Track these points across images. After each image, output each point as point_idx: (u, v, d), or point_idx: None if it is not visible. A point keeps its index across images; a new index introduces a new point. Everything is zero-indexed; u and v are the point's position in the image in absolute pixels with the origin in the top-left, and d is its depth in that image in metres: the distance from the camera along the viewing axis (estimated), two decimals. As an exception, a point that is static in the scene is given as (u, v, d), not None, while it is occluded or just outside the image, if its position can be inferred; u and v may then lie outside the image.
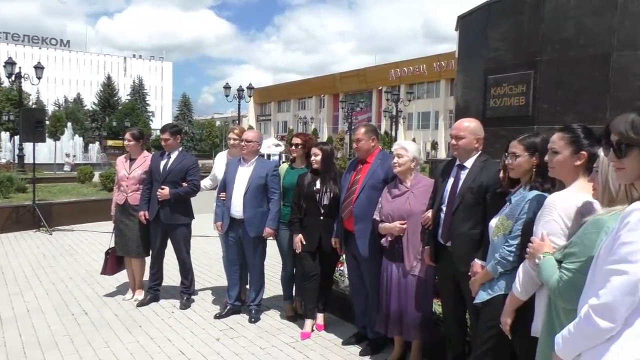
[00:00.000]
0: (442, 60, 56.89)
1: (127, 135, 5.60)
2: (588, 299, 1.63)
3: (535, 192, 2.62)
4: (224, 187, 4.98)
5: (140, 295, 5.47)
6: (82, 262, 7.26)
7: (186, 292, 5.37)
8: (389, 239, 3.80)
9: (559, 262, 2.03)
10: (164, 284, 5.63)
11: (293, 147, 4.97)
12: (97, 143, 48.65)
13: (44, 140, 10.57)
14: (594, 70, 4.66)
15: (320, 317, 4.70)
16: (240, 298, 5.12)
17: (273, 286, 5.71)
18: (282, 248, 4.95)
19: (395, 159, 3.81)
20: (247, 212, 4.77)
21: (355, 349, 4.21)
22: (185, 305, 5.25)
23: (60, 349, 4.16)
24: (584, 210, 2.17)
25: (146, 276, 5.55)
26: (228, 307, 5.01)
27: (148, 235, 5.37)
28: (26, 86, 26.91)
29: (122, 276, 5.85)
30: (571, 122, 4.60)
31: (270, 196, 4.82)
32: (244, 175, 4.84)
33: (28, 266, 6.92)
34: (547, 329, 2.09)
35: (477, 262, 3.05)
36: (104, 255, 5.69)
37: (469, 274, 3.10)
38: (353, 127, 47.15)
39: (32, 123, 9.78)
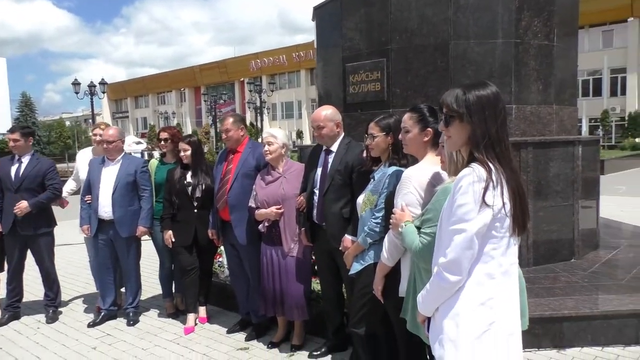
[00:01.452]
0: (300, 51, 58.12)
1: None
2: (438, 259, 1.84)
3: (394, 168, 2.90)
4: (89, 188, 4.71)
5: (-3, 314, 4.96)
6: None
7: (51, 304, 4.97)
8: (266, 224, 3.91)
9: (418, 228, 2.30)
10: (24, 299, 5.14)
11: (162, 142, 4.88)
12: None
13: None
14: (436, 58, 5.21)
15: (202, 310, 4.69)
16: (116, 302, 4.89)
17: (150, 286, 5.53)
18: (158, 245, 4.85)
19: (266, 147, 3.92)
20: (117, 212, 4.59)
21: (241, 336, 4.28)
22: (52, 318, 4.86)
23: None
24: (434, 181, 2.48)
25: (1, 294, 5.03)
26: (102, 314, 4.76)
27: (2, 249, 4.87)
28: None
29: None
30: (420, 104, 5.14)
31: (141, 194, 4.68)
32: (110, 174, 4.65)
33: None
34: (412, 288, 2.36)
35: (348, 237, 3.30)
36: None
37: (341, 249, 3.34)
38: (218, 119, 46.41)
39: None
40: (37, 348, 4.22)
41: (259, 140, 4.65)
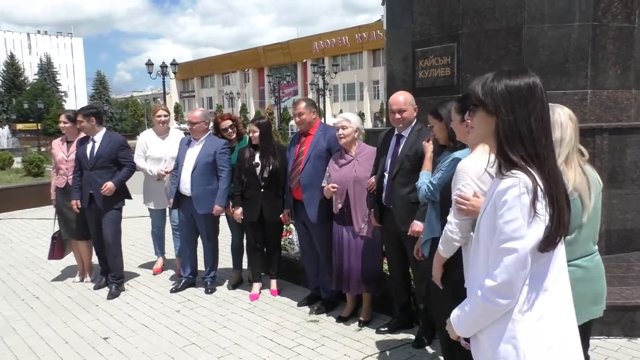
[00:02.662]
0: (363, 32, 57.61)
1: (62, 117, 5.47)
2: (478, 277, 1.67)
3: (453, 155, 2.94)
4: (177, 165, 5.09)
5: (90, 277, 5.48)
6: (18, 249, 7.04)
7: (113, 280, 5.10)
8: (339, 205, 4.11)
9: None
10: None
11: (229, 130, 5.16)
12: (7, 127, 45.29)
13: (-42, 127, 9.90)
14: (508, 42, 5.16)
15: (273, 282, 5.00)
16: (195, 271, 5.28)
17: (225, 258, 5.90)
18: (229, 221, 5.22)
19: (340, 131, 4.09)
20: (195, 189, 4.89)
21: (310, 309, 4.53)
22: (114, 294, 4.97)
23: (19, 332, 4.17)
24: (491, 170, 2.51)
25: (94, 260, 5.52)
26: (183, 281, 5.16)
27: (84, 220, 5.25)
28: None
29: (66, 260, 5.81)
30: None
31: (219, 174, 4.94)
32: (192, 154, 4.96)
33: (-40, 258, 6.64)
34: None
35: (417, 223, 3.43)
36: (49, 240, 5.57)
37: (409, 234, 3.48)
38: (282, 101, 47.09)
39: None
40: (128, 308, 4.68)
41: (323, 121, 4.84)
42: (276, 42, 68.97)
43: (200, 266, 5.34)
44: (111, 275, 5.15)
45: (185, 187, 4.94)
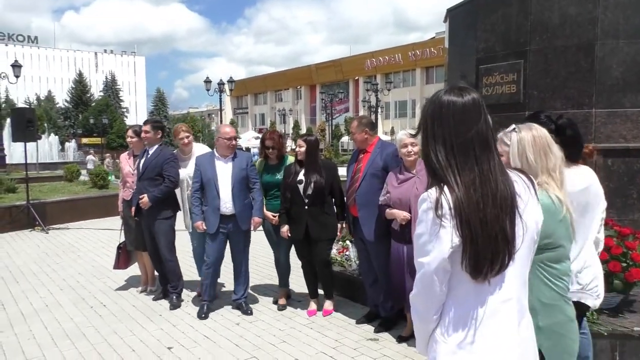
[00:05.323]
0: (416, 49, 57.43)
1: (130, 132, 5.69)
2: None
3: None
4: (201, 185, 4.86)
5: (153, 287, 5.64)
6: (85, 258, 7.36)
7: (173, 291, 5.19)
8: (402, 223, 4.06)
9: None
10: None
11: (270, 150, 5.01)
12: (73, 141, 47.83)
13: (34, 140, 10.55)
14: (579, 58, 5.00)
15: (327, 303, 4.89)
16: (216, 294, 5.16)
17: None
18: (271, 236, 5.12)
19: (410, 148, 4.04)
20: (237, 206, 4.80)
21: (369, 327, 4.47)
22: (175, 305, 5.06)
23: (89, 338, 4.33)
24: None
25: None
26: (206, 306, 4.92)
27: (141, 231, 5.36)
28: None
29: (130, 270, 6.01)
30: (560, 107, 4.97)
31: (252, 186, 4.89)
32: (226, 171, 4.82)
33: (33, 264, 7.01)
34: None
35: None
36: (114, 250, 5.80)
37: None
38: (333, 118, 47.41)
39: (24, 123, 9.75)
40: (190, 319, 4.78)
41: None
42: (328, 59, 69.80)
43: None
44: (170, 286, 5.25)
45: (227, 206, 4.79)
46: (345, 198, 4.72)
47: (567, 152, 2.49)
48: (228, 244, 4.96)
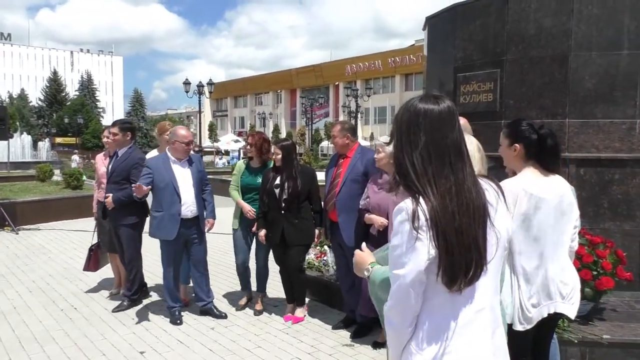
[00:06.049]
0: (396, 56, 57.93)
1: (105, 132, 5.60)
2: None
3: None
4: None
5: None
6: (57, 260, 7.20)
7: (127, 294, 5.14)
8: (380, 229, 4.07)
9: None
10: (152, 282, 5.73)
11: (249, 147, 5.14)
12: (47, 140, 46.86)
13: (6, 139, 10.31)
14: (553, 69, 5.10)
15: (297, 310, 4.81)
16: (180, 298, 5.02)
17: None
18: (235, 241, 5.08)
19: (376, 155, 4.09)
20: (199, 208, 4.76)
21: (346, 333, 4.47)
22: (120, 308, 5.01)
23: (58, 342, 4.23)
24: (530, 188, 2.47)
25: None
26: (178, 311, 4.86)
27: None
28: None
29: (103, 272, 5.89)
30: (535, 116, 5.06)
31: (205, 188, 4.86)
32: (185, 174, 4.70)
33: (1, 265, 6.82)
34: None
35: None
36: (87, 251, 5.67)
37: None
38: (313, 122, 47.47)
39: (-6, 121, 9.52)
40: (163, 322, 4.70)
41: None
42: (308, 64, 69.93)
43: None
44: (125, 288, 5.18)
45: (191, 209, 4.68)
46: (323, 203, 4.73)
47: (546, 162, 2.56)
48: None
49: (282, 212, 4.63)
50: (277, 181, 4.68)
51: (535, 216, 2.47)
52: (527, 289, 2.51)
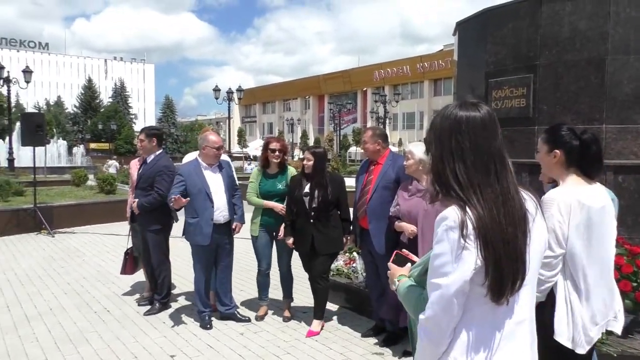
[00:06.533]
0: (425, 61, 57.56)
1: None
2: None
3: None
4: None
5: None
6: (91, 263, 7.37)
7: (157, 299, 5.22)
8: (410, 237, 4.03)
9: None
10: (184, 287, 5.81)
11: (276, 153, 4.89)
12: (82, 146, 48.15)
13: (43, 144, 10.63)
14: (589, 73, 4.97)
15: (315, 323, 4.67)
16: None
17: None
18: (257, 249, 4.98)
19: (405, 162, 4.06)
20: (230, 214, 4.79)
21: (375, 341, 4.42)
22: (151, 311, 5.09)
23: (92, 343, 4.32)
24: (585, 199, 2.29)
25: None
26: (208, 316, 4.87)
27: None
28: (2, 89, 26.62)
29: (136, 276, 6.00)
30: (570, 122, 4.93)
31: (235, 193, 4.90)
32: (217, 180, 4.75)
33: (39, 267, 7.03)
34: None
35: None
36: (121, 255, 5.78)
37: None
38: (341, 128, 47.46)
39: (33, 127, 9.82)
40: (194, 327, 4.75)
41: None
42: (336, 70, 70.09)
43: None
44: (156, 293, 5.26)
45: (223, 214, 4.72)
46: (354, 209, 4.69)
47: (589, 169, 2.40)
48: None
49: (312, 220, 4.58)
50: (307, 189, 4.62)
51: (591, 228, 2.30)
52: (589, 307, 2.30)
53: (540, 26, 5.20)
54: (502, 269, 1.37)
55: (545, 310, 2.30)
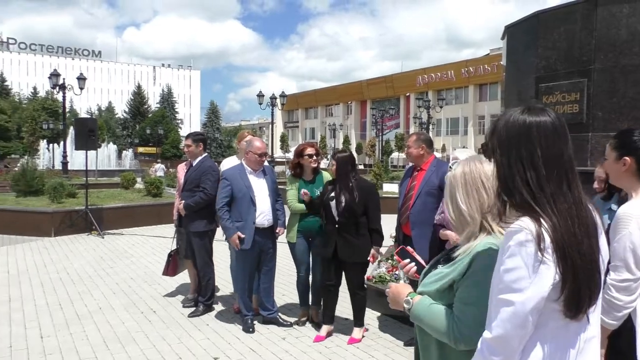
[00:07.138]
0: (470, 66, 56.56)
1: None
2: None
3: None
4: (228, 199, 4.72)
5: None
6: (138, 264, 7.58)
7: (201, 300, 5.30)
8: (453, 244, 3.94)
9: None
10: (227, 290, 5.91)
11: (314, 158, 4.90)
12: (130, 150, 49.79)
13: (95, 149, 11.05)
14: (648, 78, 4.74)
15: (356, 330, 4.60)
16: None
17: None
18: (296, 255, 4.95)
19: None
20: (274, 219, 4.85)
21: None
22: (195, 313, 5.18)
23: (138, 343, 4.43)
24: None
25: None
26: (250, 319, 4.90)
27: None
28: (58, 96, 27.92)
29: (180, 277, 6.12)
30: (629, 127, 4.71)
31: (278, 199, 4.95)
32: (261, 184, 4.81)
33: (89, 267, 7.28)
34: None
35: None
36: (166, 257, 5.91)
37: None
38: (383, 133, 47.21)
39: (85, 132, 10.21)
40: (236, 330, 4.79)
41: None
42: (378, 75, 69.85)
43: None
44: (200, 295, 5.36)
45: (267, 218, 4.77)
46: (397, 216, 4.63)
47: None
48: None
49: (337, 225, 4.48)
50: (332, 193, 4.55)
51: None
52: None
53: (595, 29, 5.01)
54: (580, 283, 1.31)
55: (621, 338, 2.16)
